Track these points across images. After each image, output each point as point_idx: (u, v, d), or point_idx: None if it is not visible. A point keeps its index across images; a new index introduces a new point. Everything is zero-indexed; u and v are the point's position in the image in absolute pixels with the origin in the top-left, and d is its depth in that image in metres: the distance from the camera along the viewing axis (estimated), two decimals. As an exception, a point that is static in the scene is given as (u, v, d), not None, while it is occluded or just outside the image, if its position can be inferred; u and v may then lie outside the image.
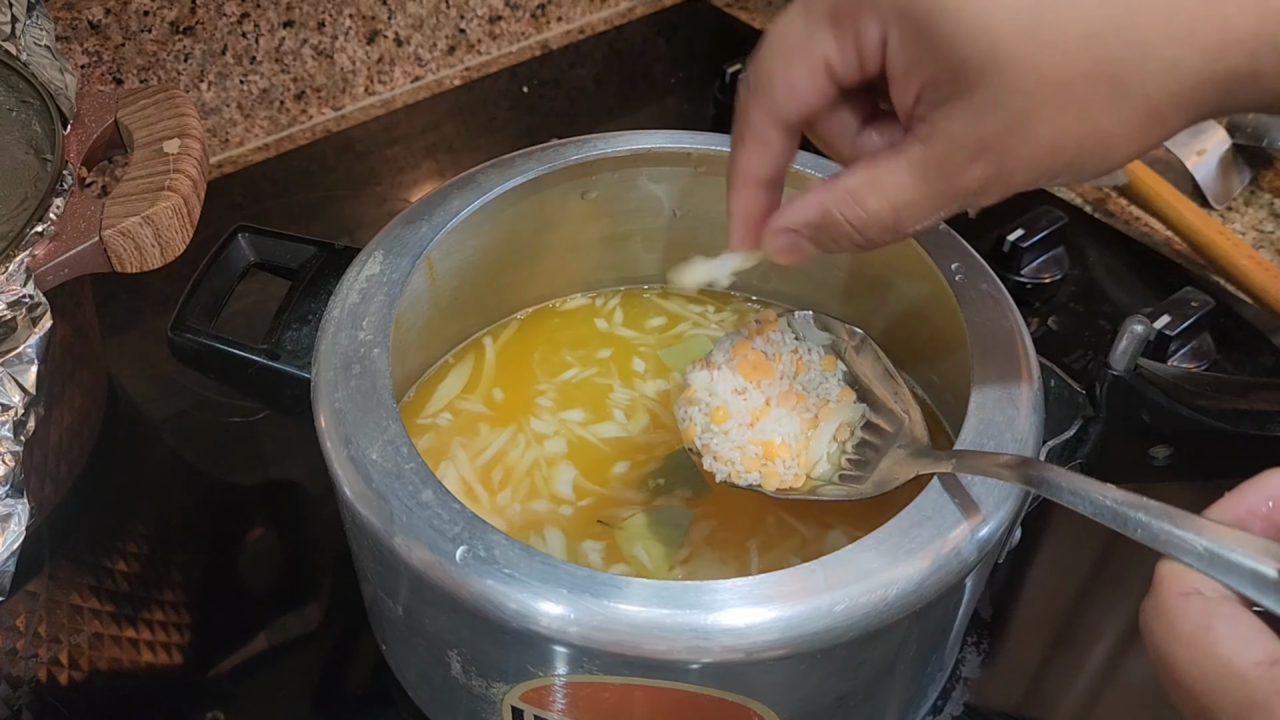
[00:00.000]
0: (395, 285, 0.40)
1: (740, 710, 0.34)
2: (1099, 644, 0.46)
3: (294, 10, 0.70)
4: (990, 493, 0.34)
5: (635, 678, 0.33)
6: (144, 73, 0.66)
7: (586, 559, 0.41)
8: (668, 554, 0.41)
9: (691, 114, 0.78)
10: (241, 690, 0.44)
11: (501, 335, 0.50)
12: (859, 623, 0.31)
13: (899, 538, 0.33)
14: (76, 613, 0.46)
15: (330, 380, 0.37)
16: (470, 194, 0.44)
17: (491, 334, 0.50)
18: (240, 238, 0.45)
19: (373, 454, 0.35)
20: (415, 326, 0.44)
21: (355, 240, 0.66)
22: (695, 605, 0.31)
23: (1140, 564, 0.49)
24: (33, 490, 0.46)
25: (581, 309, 0.51)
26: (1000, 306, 0.40)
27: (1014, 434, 0.36)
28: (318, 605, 0.47)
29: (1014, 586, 0.48)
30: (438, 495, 0.33)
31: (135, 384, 0.57)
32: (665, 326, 0.51)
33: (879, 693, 0.37)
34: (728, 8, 0.88)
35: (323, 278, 0.44)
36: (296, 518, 0.51)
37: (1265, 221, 0.67)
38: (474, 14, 0.79)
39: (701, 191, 0.49)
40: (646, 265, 0.52)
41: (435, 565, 0.32)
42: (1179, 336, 0.57)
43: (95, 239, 0.43)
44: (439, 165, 0.73)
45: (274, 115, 0.73)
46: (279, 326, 0.42)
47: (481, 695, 0.36)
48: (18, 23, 0.49)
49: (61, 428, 0.48)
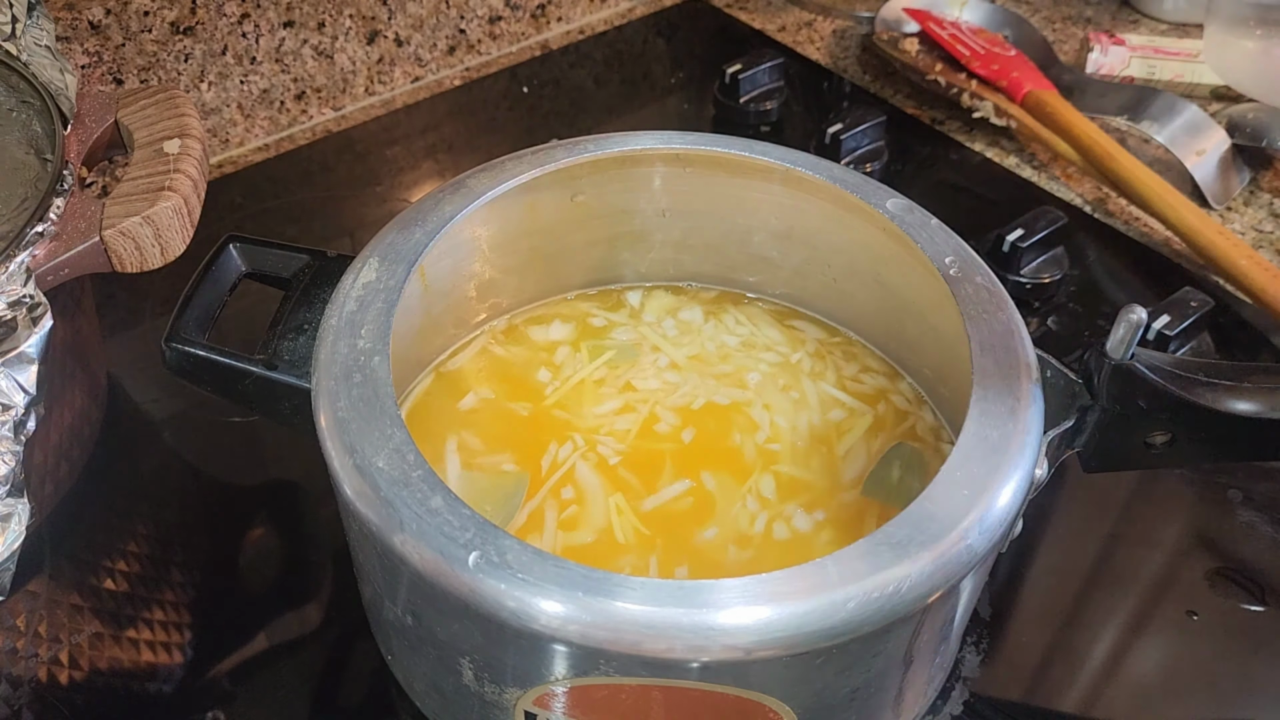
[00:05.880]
0: (393, 292, 0.40)
1: (757, 708, 0.34)
2: (1098, 643, 0.46)
3: (294, 10, 0.70)
4: (994, 482, 0.34)
5: (651, 678, 0.33)
6: (144, 73, 0.66)
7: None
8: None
9: (691, 114, 0.78)
10: (241, 690, 0.44)
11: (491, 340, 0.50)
12: (873, 617, 0.32)
13: (909, 530, 0.33)
14: (76, 613, 0.46)
15: (331, 389, 0.37)
16: (462, 199, 0.44)
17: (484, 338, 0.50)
18: (231, 247, 0.45)
19: (379, 462, 0.35)
20: (409, 333, 0.44)
21: (355, 241, 0.66)
22: (713, 605, 0.31)
23: (1140, 563, 0.49)
24: (33, 490, 0.46)
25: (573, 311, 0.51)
26: (995, 299, 0.40)
27: (1015, 424, 0.36)
28: (318, 605, 0.47)
29: (1013, 586, 0.48)
30: (447, 501, 0.33)
31: (135, 384, 0.57)
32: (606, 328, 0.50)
33: (890, 684, 0.37)
34: (728, 8, 0.88)
35: (316, 286, 0.43)
36: (296, 518, 0.52)
37: (1265, 221, 0.68)
38: (474, 14, 0.79)
39: (691, 191, 0.49)
40: (637, 266, 0.52)
41: (448, 572, 0.32)
42: (1178, 336, 0.57)
43: (95, 239, 0.43)
44: (439, 166, 0.73)
45: (274, 115, 0.73)
46: (274, 337, 0.42)
47: (494, 702, 0.36)
48: (18, 23, 0.49)
49: (61, 428, 0.48)
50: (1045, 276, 0.61)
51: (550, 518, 0.42)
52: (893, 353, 0.49)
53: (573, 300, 0.51)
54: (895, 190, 0.45)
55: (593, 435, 0.45)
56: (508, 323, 0.50)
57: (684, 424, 0.46)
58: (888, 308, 0.47)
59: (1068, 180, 0.71)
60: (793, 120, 0.76)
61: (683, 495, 0.43)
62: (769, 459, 0.44)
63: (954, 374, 0.42)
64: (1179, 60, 0.76)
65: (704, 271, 0.52)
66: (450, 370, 0.48)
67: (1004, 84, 0.72)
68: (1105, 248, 0.65)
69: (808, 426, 0.46)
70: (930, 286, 0.42)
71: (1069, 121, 0.69)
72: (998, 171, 0.71)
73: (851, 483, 0.44)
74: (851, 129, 0.70)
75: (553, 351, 0.49)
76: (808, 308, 0.51)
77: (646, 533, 0.42)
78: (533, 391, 0.47)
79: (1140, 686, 0.45)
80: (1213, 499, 0.52)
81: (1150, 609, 0.47)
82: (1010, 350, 0.39)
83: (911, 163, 0.72)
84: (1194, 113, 0.69)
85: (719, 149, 0.46)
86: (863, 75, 0.80)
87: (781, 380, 0.48)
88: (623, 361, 0.48)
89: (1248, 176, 0.70)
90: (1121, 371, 0.38)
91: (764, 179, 0.47)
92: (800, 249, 0.49)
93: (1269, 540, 0.50)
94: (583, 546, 0.41)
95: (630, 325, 0.50)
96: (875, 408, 0.47)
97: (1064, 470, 0.50)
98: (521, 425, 0.46)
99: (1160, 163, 0.70)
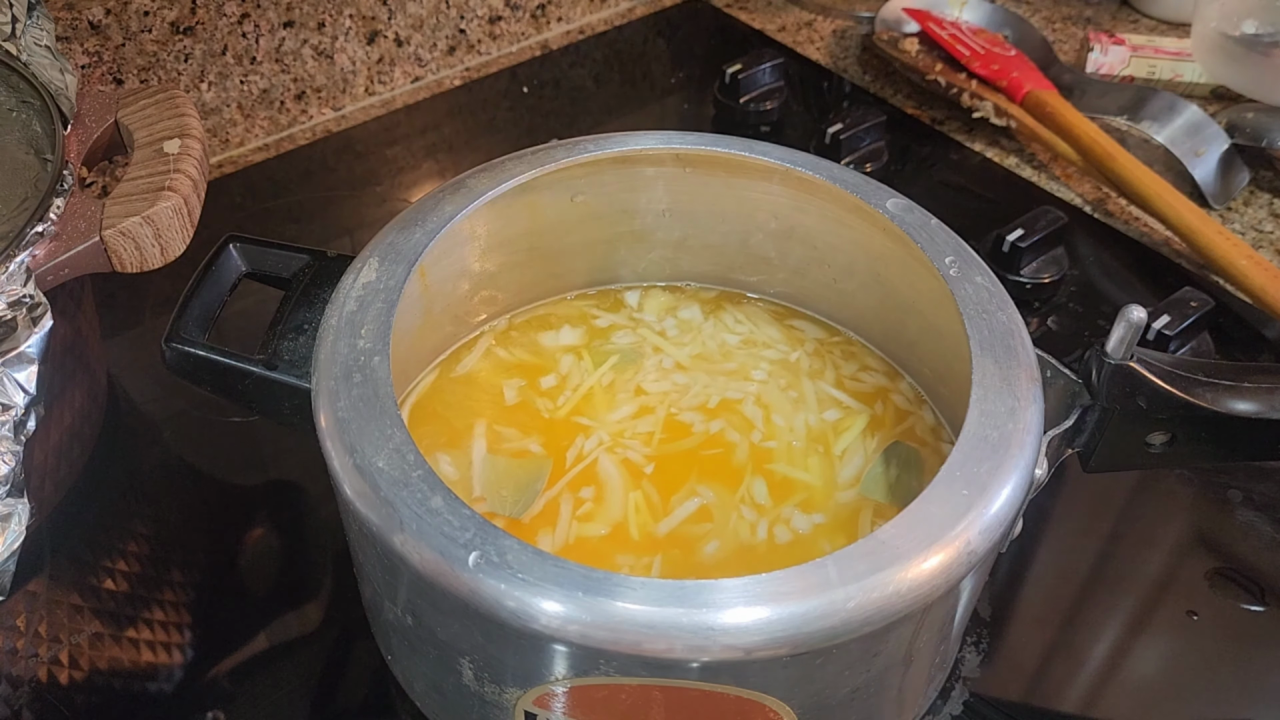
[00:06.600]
0: (393, 292, 0.40)
1: (757, 707, 0.34)
2: (1098, 643, 0.46)
3: (294, 10, 0.70)
4: (994, 482, 0.34)
5: (651, 678, 0.33)
6: (144, 73, 0.66)
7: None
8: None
9: (691, 114, 0.78)
10: (241, 690, 0.44)
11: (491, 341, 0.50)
12: (873, 617, 0.32)
13: (909, 530, 0.33)
14: (76, 613, 0.46)
15: (331, 389, 0.37)
16: (462, 199, 0.44)
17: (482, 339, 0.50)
18: (231, 248, 0.45)
19: (379, 462, 0.35)
20: (409, 332, 0.44)
21: (355, 241, 0.66)
22: (713, 605, 0.31)
23: (1140, 563, 0.49)
24: (33, 490, 0.46)
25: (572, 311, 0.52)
26: (995, 299, 0.40)
27: (1015, 424, 0.36)
28: (318, 605, 0.47)
29: (1013, 586, 0.48)
30: (447, 501, 0.33)
31: (135, 384, 0.57)
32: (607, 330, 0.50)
33: (890, 684, 0.37)
34: (728, 8, 0.88)
35: (316, 286, 0.43)
36: (296, 518, 0.52)
37: (1265, 221, 0.68)
38: (474, 14, 0.79)
39: (691, 191, 0.49)
40: (637, 266, 0.52)
41: (448, 572, 0.32)
42: (1178, 336, 0.57)
43: (95, 239, 0.43)
44: (439, 166, 0.73)
45: (274, 115, 0.73)
46: (274, 337, 0.42)
47: (494, 702, 0.36)
48: (18, 23, 0.49)
49: (61, 428, 0.48)
50: (1045, 276, 0.61)
51: (566, 510, 0.42)
52: (892, 353, 0.49)
53: (573, 300, 0.51)
54: (895, 190, 0.45)
55: (618, 437, 0.45)
56: (508, 322, 0.50)
57: (704, 420, 0.46)
58: (888, 308, 0.47)
59: (1068, 180, 0.71)
60: (793, 120, 0.76)
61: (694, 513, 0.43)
62: (765, 456, 0.44)
63: (954, 374, 0.42)
64: (1179, 60, 0.76)
65: (704, 271, 0.52)
66: (460, 374, 0.48)
67: (1004, 84, 0.72)
68: (1105, 248, 0.65)
69: (804, 426, 0.46)
70: (930, 286, 0.42)
71: (1069, 121, 0.69)
72: (998, 171, 0.71)
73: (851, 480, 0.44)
74: (851, 129, 0.70)
75: (558, 359, 0.48)
76: (807, 307, 0.51)
77: (662, 537, 0.42)
78: (543, 399, 0.47)
79: (1140, 686, 0.45)
80: (1213, 499, 0.52)
81: (1150, 609, 0.47)
82: (1010, 350, 0.39)
83: (911, 163, 0.72)
84: (1194, 113, 0.69)
85: (719, 149, 0.46)
86: (863, 75, 0.80)
87: (783, 381, 0.48)
88: (628, 366, 0.48)
89: (1248, 176, 0.70)
90: (1121, 371, 0.38)
91: (764, 179, 0.47)
92: (800, 249, 0.49)
93: (1269, 540, 0.50)
94: (598, 539, 0.41)
95: (630, 327, 0.50)
96: (873, 407, 0.47)
97: (1064, 470, 0.50)
98: (544, 425, 0.46)
99: (1160, 163, 0.70)
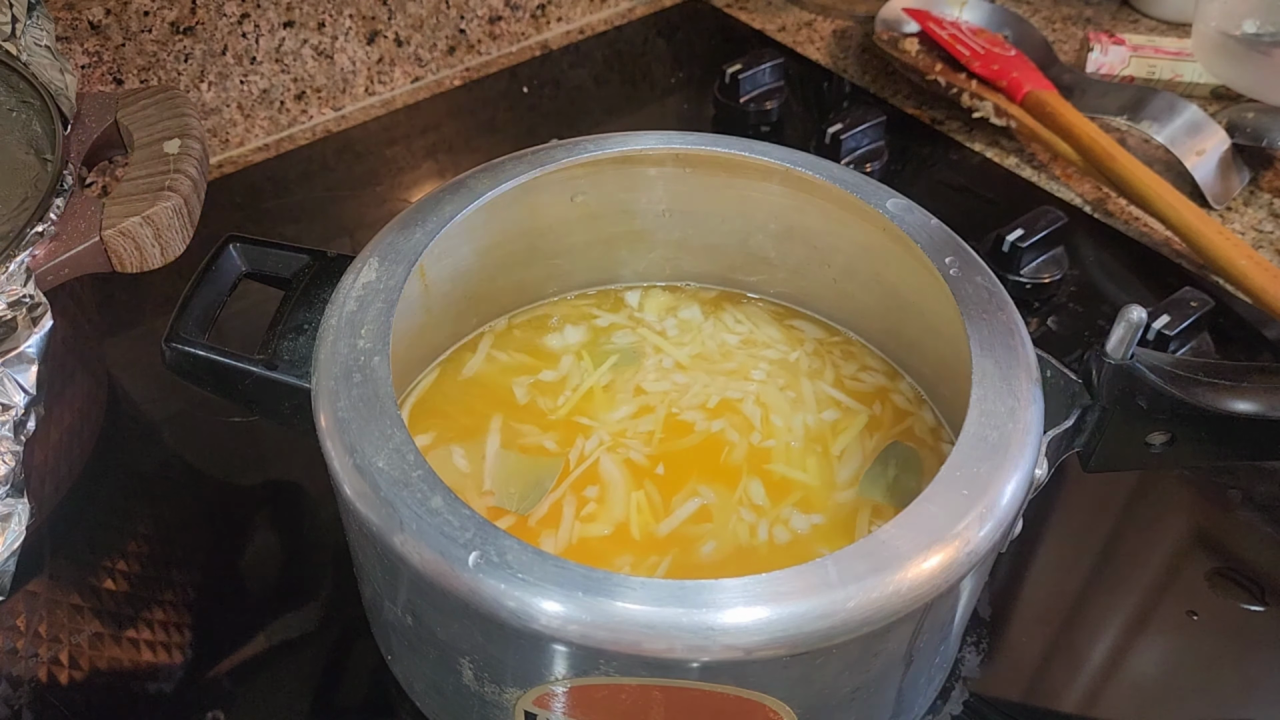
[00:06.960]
0: (393, 292, 0.40)
1: (757, 708, 0.34)
2: (1098, 643, 0.46)
3: (294, 10, 0.70)
4: (994, 482, 0.34)
5: (651, 678, 0.33)
6: (144, 73, 0.66)
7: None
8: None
9: (691, 114, 0.78)
10: (241, 690, 0.44)
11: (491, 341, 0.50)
12: (873, 617, 0.32)
13: (909, 530, 0.33)
14: (76, 613, 0.46)
15: (331, 389, 0.37)
16: (462, 199, 0.44)
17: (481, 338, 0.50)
18: (231, 248, 0.45)
19: (379, 462, 0.35)
20: (409, 332, 0.44)
21: (355, 241, 0.66)
22: (713, 605, 0.31)
23: (1140, 563, 0.49)
24: (33, 490, 0.46)
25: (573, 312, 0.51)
26: (995, 299, 0.40)
27: (1015, 424, 0.36)
28: (318, 605, 0.47)
29: (1013, 586, 0.48)
30: (447, 501, 0.33)
31: (135, 384, 0.57)
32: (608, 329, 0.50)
33: (890, 684, 0.37)
34: (728, 8, 0.88)
35: (316, 286, 0.43)
36: (296, 518, 0.52)
37: (1265, 221, 0.68)
38: (474, 14, 0.79)
39: (691, 191, 0.49)
40: (637, 266, 0.52)
41: (448, 572, 0.32)
42: (1178, 336, 0.57)
43: (95, 239, 0.43)
44: (439, 166, 0.73)
45: (274, 115, 0.73)
46: (274, 337, 0.42)
47: (494, 702, 0.36)
48: (18, 23, 0.49)
49: (61, 428, 0.48)
50: (1045, 276, 0.61)
51: (569, 511, 0.42)
52: (892, 353, 0.49)
53: (573, 300, 0.51)
54: (895, 190, 0.45)
55: (619, 437, 0.45)
56: (508, 322, 0.50)
57: (704, 420, 0.46)
58: (888, 308, 0.47)
59: (1068, 180, 0.71)
60: (793, 120, 0.76)
61: (694, 513, 0.43)
62: (770, 455, 0.44)
63: (954, 374, 0.42)
64: (1179, 60, 0.76)
65: (704, 271, 0.52)
66: (466, 377, 0.48)
67: (1004, 84, 0.72)
68: (1105, 248, 0.65)
69: (802, 426, 0.46)
70: (930, 286, 0.42)
71: (1069, 121, 0.69)
72: (998, 171, 0.71)
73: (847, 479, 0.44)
74: (851, 129, 0.70)
75: (558, 359, 0.48)
76: (807, 307, 0.51)
77: (663, 537, 0.42)
78: (545, 398, 0.47)
79: (1140, 686, 0.45)
80: (1213, 499, 0.52)
81: (1150, 609, 0.47)
82: (1010, 350, 0.39)
83: (911, 163, 0.72)
84: (1194, 113, 0.69)
85: (719, 149, 0.46)
86: (863, 75, 0.80)
87: (781, 380, 0.48)
88: (628, 365, 0.48)
89: (1248, 176, 0.70)
90: (1121, 371, 0.38)
91: (764, 179, 0.47)
92: (800, 249, 0.49)
93: (1269, 540, 0.50)
94: (601, 539, 0.41)
95: (630, 327, 0.50)
96: (871, 407, 0.47)
97: (1064, 470, 0.50)
98: (547, 425, 0.46)
99: (1160, 163, 0.70)
